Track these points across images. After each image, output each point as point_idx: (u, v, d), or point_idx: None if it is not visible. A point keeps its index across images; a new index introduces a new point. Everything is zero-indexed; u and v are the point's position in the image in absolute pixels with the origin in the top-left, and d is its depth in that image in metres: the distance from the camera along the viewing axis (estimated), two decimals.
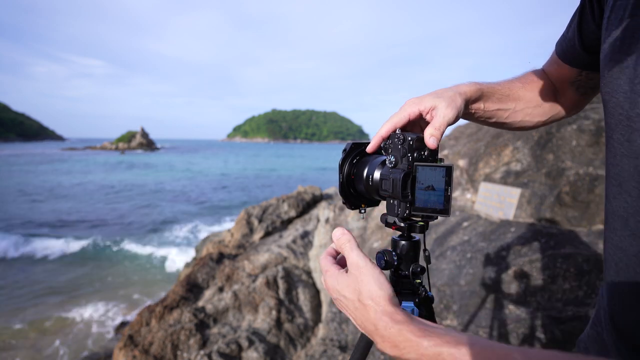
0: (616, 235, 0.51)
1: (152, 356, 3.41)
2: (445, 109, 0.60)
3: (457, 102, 0.62)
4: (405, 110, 0.62)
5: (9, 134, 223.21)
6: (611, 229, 0.52)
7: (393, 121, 0.62)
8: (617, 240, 0.51)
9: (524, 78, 0.74)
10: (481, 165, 3.84)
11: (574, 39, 0.65)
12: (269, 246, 5.70)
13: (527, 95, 0.72)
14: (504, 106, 0.70)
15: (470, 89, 0.66)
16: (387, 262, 0.63)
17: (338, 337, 2.74)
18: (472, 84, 0.67)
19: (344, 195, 0.67)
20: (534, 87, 0.73)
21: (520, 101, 0.71)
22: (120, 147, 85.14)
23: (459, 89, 0.65)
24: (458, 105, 0.62)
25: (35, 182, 24.60)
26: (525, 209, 3.07)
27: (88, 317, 6.19)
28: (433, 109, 0.61)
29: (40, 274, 8.18)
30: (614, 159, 0.50)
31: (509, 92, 0.71)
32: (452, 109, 0.61)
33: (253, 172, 38.82)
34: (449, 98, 0.62)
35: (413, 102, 0.63)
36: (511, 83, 0.72)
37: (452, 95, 0.62)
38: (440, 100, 0.61)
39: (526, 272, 2.27)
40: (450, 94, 0.63)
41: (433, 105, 0.61)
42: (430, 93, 0.64)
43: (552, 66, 0.75)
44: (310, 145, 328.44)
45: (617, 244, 0.51)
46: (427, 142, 0.58)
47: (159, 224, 13.45)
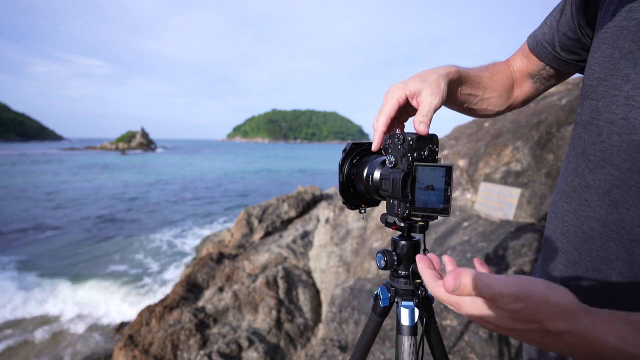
0: (589, 206, 0.55)
1: (152, 356, 3.41)
2: (430, 95, 0.61)
3: (441, 86, 0.62)
4: (392, 97, 0.62)
5: (9, 134, 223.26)
6: (581, 201, 0.56)
7: (385, 112, 0.62)
8: (588, 212, 0.55)
9: (492, 68, 0.78)
10: (481, 165, 3.84)
11: (553, 35, 0.68)
12: (269, 246, 5.70)
13: (494, 86, 0.76)
14: (474, 92, 0.74)
15: (452, 71, 0.66)
16: (387, 262, 0.63)
17: (338, 337, 2.74)
18: (452, 66, 0.68)
19: (344, 195, 0.67)
20: (499, 78, 0.77)
21: (487, 90, 0.75)
22: (120, 147, 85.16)
23: (442, 70, 0.65)
24: (442, 89, 0.62)
25: (35, 182, 24.61)
26: (525, 209, 3.07)
27: (86, 315, 6.19)
28: (418, 94, 0.62)
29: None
30: (598, 136, 0.53)
31: (480, 80, 0.74)
32: (436, 94, 0.61)
33: (253, 172, 38.82)
34: (433, 83, 0.62)
35: (398, 87, 0.63)
36: (481, 71, 0.75)
37: (435, 79, 0.62)
38: (425, 85, 0.61)
39: (526, 272, 2.27)
40: (434, 77, 0.63)
41: (418, 89, 0.61)
42: (413, 77, 0.64)
43: (519, 58, 0.78)
44: (310, 145, 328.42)
45: (590, 214, 0.55)
46: (417, 129, 0.58)
47: (158, 224, 13.46)
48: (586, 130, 0.56)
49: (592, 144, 0.55)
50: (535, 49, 0.73)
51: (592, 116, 0.55)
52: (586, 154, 0.56)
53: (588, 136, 0.56)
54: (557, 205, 0.64)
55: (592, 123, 0.55)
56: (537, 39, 0.72)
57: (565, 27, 0.65)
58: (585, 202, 0.56)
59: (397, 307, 0.66)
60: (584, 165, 0.56)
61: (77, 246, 10.28)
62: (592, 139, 0.55)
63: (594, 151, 0.54)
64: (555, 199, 0.67)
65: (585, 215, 0.56)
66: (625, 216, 0.50)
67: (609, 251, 0.52)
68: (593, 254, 0.55)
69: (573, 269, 0.59)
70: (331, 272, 4.30)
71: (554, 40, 0.68)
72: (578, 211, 0.57)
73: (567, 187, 0.60)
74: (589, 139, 0.55)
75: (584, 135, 0.57)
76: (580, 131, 0.58)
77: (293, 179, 30.36)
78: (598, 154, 0.53)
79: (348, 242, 4.39)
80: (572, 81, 4.72)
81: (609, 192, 0.51)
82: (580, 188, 0.57)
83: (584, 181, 0.56)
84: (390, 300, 0.68)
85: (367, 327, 0.74)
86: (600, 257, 0.54)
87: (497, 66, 0.79)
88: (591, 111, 0.55)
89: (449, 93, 0.66)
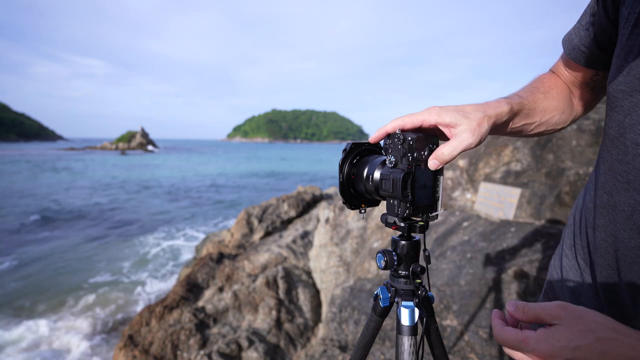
0: (616, 226, 0.53)
1: (152, 356, 3.41)
2: (467, 132, 0.56)
3: (482, 127, 0.57)
4: (421, 115, 0.59)
5: (9, 134, 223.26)
6: (610, 220, 0.55)
7: (404, 120, 0.60)
8: (615, 231, 0.54)
9: (542, 87, 0.71)
10: (481, 165, 3.84)
11: (588, 39, 0.62)
12: (269, 246, 5.70)
13: (550, 106, 0.70)
14: (530, 120, 0.68)
15: (502, 111, 0.61)
16: (387, 262, 0.63)
17: (338, 337, 2.74)
18: (503, 104, 0.62)
19: (344, 195, 0.67)
20: (554, 95, 0.70)
21: (545, 113, 0.69)
22: (120, 147, 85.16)
23: (488, 110, 0.60)
24: (483, 131, 0.58)
25: (36, 181, 24.61)
26: (525, 209, 3.07)
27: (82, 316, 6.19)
28: (453, 126, 0.57)
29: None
30: (624, 156, 0.50)
31: (534, 105, 0.68)
32: (474, 134, 0.57)
33: (252, 172, 38.82)
34: (474, 121, 0.57)
35: (434, 111, 0.59)
36: (534, 95, 0.69)
37: (479, 119, 0.58)
38: (464, 121, 0.57)
39: (526, 272, 2.27)
40: (478, 115, 0.58)
41: (454, 123, 0.57)
42: (455, 107, 0.60)
43: (564, 69, 0.72)
44: (310, 145, 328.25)
45: (616, 234, 0.54)
46: (429, 162, 0.57)
47: (158, 224, 13.46)
48: (614, 145, 0.53)
49: (618, 162, 0.52)
50: (573, 54, 0.66)
51: (619, 132, 0.52)
52: (614, 171, 0.53)
53: (615, 153, 0.53)
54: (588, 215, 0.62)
55: (619, 140, 0.52)
56: (574, 43, 0.65)
57: (600, 24, 0.58)
58: (613, 222, 0.54)
59: (397, 307, 0.66)
60: (611, 183, 0.54)
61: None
62: (619, 157, 0.52)
63: (620, 171, 0.52)
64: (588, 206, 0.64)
65: (613, 235, 0.54)
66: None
67: (633, 274, 0.51)
68: (621, 275, 0.54)
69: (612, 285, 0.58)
70: (331, 272, 4.30)
71: (592, 41, 0.61)
72: (608, 229, 0.55)
73: (597, 200, 0.58)
74: (616, 156, 0.53)
75: (612, 151, 0.54)
76: (609, 145, 0.55)
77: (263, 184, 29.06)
78: (623, 175, 0.51)
79: (348, 242, 4.39)
80: None
81: (631, 217, 0.50)
82: (609, 206, 0.55)
83: (611, 199, 0.54)
84: (390, 300, 0.68)
85: (367, 327, 0.74)
86: (627, 278, 0.53)
87: (547, 82, 0.72)
88: (618, 126, 0.52)
89: (495, 128, 0.62)
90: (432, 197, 0.60)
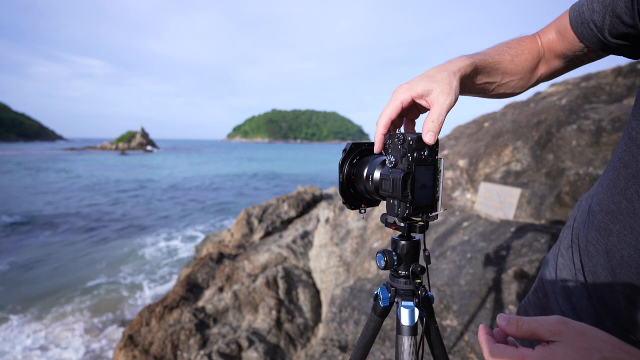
0: (633, 234, 0.53)
1: (152, 356, 3.41)
2: (442, 95, 0.56)
3: (452, 84, 0.57)
4: (397, 99, 0.59)
5: (9, 134, 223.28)
6: (625, 226, 0.54)
7: (387, 114, 0.59)
8: (630, 239, 0.53)
9: (514, 48, 0.69)
10: (481, 165, 3.84)
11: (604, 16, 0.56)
12: (269, 246, 5.71)
13: (514, 69, 0.68)
14: (491, 79, 0.67)
15: (464, 64, 0.60)
16: (387, 262, 0.63)
17: (338, 337, 2.74)
18: (465, 59, 0.62)
19: (344, 195, 0.67)
20: (522, 59, 0.69)
21: (506, 75, 0.68)
22: (120, 147, 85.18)
23: (452, 66, 0.59)
24: (454, 87, 0.57)
25: (35, 181, 24.61)
26: (525, 209, 3.07)
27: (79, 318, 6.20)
28: (427, 94, 0.57)
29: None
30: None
31: (498, 65, 0.67)
32: (448, 94, 0.56)
33: (252, 172, 38.83)
34: (443, 81, 0.57)
35: (403, 88, 0.59)
36: (501, 55, 0.67)
37: (446, 77, 0.58)
38: (434, 85, 0.57)
39: (526, 272, 2.27)
40: (444, 75, 0.58)
41: (426, 90, 0.57)
42: (420, 76, 0.59)
43: (554, 32, 0.68)
44: (310, 145, 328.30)
45: (632, 242, 0.53)
46: (424, 138, 0.56)
47: (158, 224, 13.46)
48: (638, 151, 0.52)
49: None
50: (579, 28, 0.62)
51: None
52: (638, 178, 0.52)
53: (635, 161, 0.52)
54: (599, 219, 0.61)
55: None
56: (584, 16, 0.60)
57: (622, 8, 0.52)
58: (629, 229, 0.53)
59: (397, 307, 0.66)
60: (634, 189, 0.53)
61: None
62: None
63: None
64: (594, 209, 0.63)
65: (627, 242, 0.54)
66: None
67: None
68: (627, 282, 0.54)
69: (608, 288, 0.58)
70: (331, 272, 4.30)
71: (604, 22, 0.56)
72: (621, 235, 0.55)
73: (614, 206, 0.57)
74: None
75: (639, 157, 0.52)
76: (635, 151, 0.53)
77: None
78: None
79: (348, 242, 4.39)
80: (572, 81, 4.72)
81: None
82: (627, 213, 0.54)
83: (631, 206, 0.53)
84: (390, 300, 0.68)
85: (367, 327, 0.74)
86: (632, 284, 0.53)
87: (521, 44, 0.69)
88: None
89: (462, 86, 0.61)
90: (432, 197, 0.60)
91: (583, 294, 0.65)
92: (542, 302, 0.80)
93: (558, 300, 0.73)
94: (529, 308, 0.87)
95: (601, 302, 0.61)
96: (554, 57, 0.70)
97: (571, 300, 0.68)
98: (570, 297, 0.68)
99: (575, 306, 0.67)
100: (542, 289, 0.79)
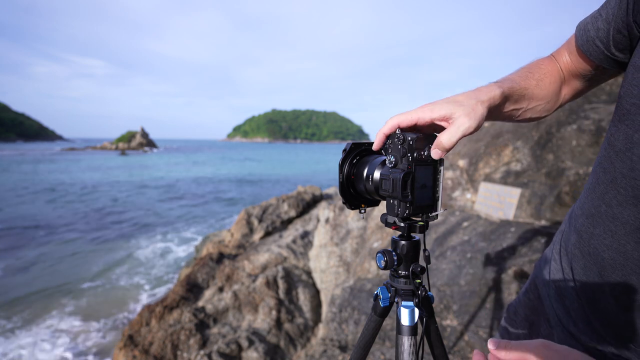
0: (614, 238, 0.54)
1: (152, 356, 3.41)
2: (464, 117, 0.56)
3: (478, 111, 0.57)
4: (415, 113, 0.58)
5: (9, 134, 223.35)
6: (605, 230, 0.56)
7: (398, 119, 0.59)
8: (611, 242, 0.55)
9: (537, 73, 0.69)
10: (481, 165, 3.84)
11: (605, 34, 0.58)
12: (269, 246, 5.71)
13: (540, 94, 0.69)
14: (518, 106, 0.67)
15: (494, 94, 0.60)
16: (387, 262, 0.63)
17: (338, 337, 2.74)
18: (495, 89, 0.61)
19: (344, 195, 0.67)
20: (546, 83, 0.69)
21: (533, 100, 0.68)
22: (120, 147, 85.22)
23: (481, 96, 0.59)
24: (479, 115, 0.57)
25: (35, 180, 24.61)
26: (525, 209, 3.07)
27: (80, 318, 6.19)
28: (448, 118, 0.57)
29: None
30: (631, 171, 0.50)
31: (525, 92, 0.67)
32: (471, 118, 0.56)
33: (252, 172, 38.83)
34: (469, 107, 0.57)
35: (427, 108, 0.58)
36: (526, 81, 0.67)
37: (473, 104, 0.57)
38: (458, 109, 0.57)
39: (526, 272, 2.27)
40: (471, 102, 0.57)
41: (448, 114, 0.57)
42: (445, 99, 0.59)
43: (568, 56, 0.69)
44: (310, 145, 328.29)
45: (613, 245, 0.55)
46: (431, 151, 0.56)
47: (157, 223, 13.46)
48: (618, 158, 0.53)
49: (623, 176, 0.52)
50: (585, 46, 0.63)
51: (627, 146, 0.51)
52: (616, 183, 0.53)
53: (620, 166, 0.53)
54: (581, 223, 0.62)
55: (626, 154, 0.51)
56: (589, 35, 0.61)
57: (620, 21, 0.54)
58: (610, 232, 0.55)
59: (397, 307, 0.66)
60: (612, 194, 0.54)
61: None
62: (624, 172, 0.52)
63: (625, 185, 0.51)
64: (576, 212, 0.64)
65: (607, 245, 0.55)
66: None
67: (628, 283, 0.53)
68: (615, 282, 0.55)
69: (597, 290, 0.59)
70: (331, 272, 4.30)
71: (609, 38, 0.57)
72: (601, 238, 0.56)
73: (594, 210, 0.59)
74: (620, 169, 0.53)
75: (616, 163, 0.53)
76: (613, 156, 0.54)
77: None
78: (629, 189, 0.51)
79: (348, 242, 4.39)
80: None
81: (637, 230, 0.50)
82: (607, 217, 0.55)
83: (610, 211, 0.55)
84: (390, 300, 0.68)
85: (367, 327, 0.74)
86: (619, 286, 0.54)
87: (543, 68, 0.70)
88: (626, 140, 0.51)
89: (489, 114, 0.61)
90: (432, 197, 0.60)
91: (574, 297, 0.66)
92: (534, 303, 0.82)
93: (552, 303, 0.74)
94: (520, 308, 0.88)
95: (590, 304, 0.62)
96: (573, 78, 0.70)
97: (565, 304, 0.69)
98: (564, 301, 0.69)
99: (568, 309, 0.68)
100: (535, 291, 0.81)
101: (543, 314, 0.77)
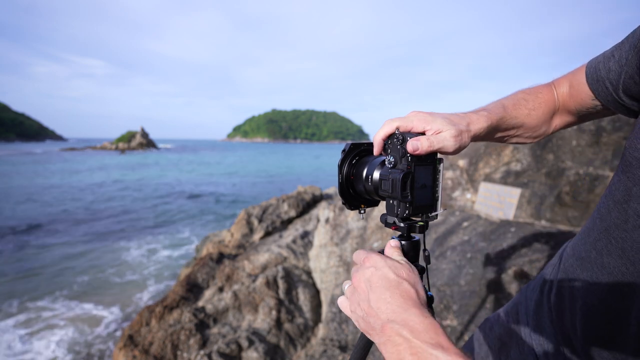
0: (598, 286, 0.56)
1: (152, 356, 3.41)
2: (450, 138, 0.58)
3: (463, 138, 0.59)
4: (411, 122, 0.59)
5: (9, 134, 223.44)
6: (591, 276, 0.57)
7: (394, 125, 0.60)
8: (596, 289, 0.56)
9: (532, 102, 0.70)
10: (481, 165, 3.84)
11: (616, 76, 0.56)
12: (269, 246, 5.71)
13: (531, 123, 0.70)
14: (506, 133, 0.70)
15: (479, 128, 0.62)
16: None
17: (338, 337, 2.74)
18: (484, 121, 0.63)
19: (344, 196, 0.67)
20: (539, 113, 0.70)
21: (521, 128, 0.70)
22: (120, 147, 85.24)
23: (471, 125, 0.61)
24: (463, 141, 0.59)
25: (35, 181, 24.62)
26: (525, 209, 3.07)
27: (84, 315, 6.19)
28: (439, 132, 0.58)
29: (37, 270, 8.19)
30: (624, 224, 0.50)
31: (515, 120, 0.68)
32: (455, 141, 0.58)
33: (252, 172, 38.83)
34: (458, 131, 0.59)
35: (423, 118, 0.59)
36: (518, 110, 0.69)
37: (463, 130, 0.60)
38: (451, 128, 0.58)
39: (526, 272, 2.27)
40: (462, 128, 0.60)
41: (440, 130, 0.58)
42: (442, 115, 0.61)
43: (569, 88, 0.69)
44: (310, 145, 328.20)
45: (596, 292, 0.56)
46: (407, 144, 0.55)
47: (157, 223, 13.46)
48: (615, 208, 0.53)
49: (616, 227, 0.52)
50: (594, 85, 0.62)
51: (624, 198, 0.51)
52: (609, 233, 0.53)
53: (615, 217, 0.53)
54: (570, 263, 0.63)
55: (622, 205, 0.52)
56: (599, 74, 0.60)
57: (634, 67, 0.52)
58: (596, 280, 0.55)
59: None
60: (604, 243, 0.54)
61: None
62: (618, 223, 0.52)
63: (616, 236, 0.52)
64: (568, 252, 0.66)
65: (592, 291, 0.56)
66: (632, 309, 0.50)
67: (607, 332, 0.54)
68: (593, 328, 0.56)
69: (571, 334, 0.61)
70: (331, 272, 4.30)
71: (619, 81, 0.56)
72: (586, 283, 0.57)
73: (584, 254, 0.59)
74: (614, 220, 0.53)
75: (613, 213, 0.53)
76: (611, 206, 0.54)
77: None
78: (619, 242, 0.51)
79: (348, 242, 4.39)
80: None
81: (620, 282, 0.51)
82: (596, 264, 0.56)
83: (600, 259, 0.55)
84: None
85: None
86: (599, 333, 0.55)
87: (539, 97, 0.70)
88: (625, 191, 0.51)
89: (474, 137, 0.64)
90: (432, 197, 0.59)
91: (552, 333, 0.67)
92: (511, 326, 0.82)
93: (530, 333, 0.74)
94: (496, 325, 0.87)
95: (565, 342, 0.63)
96: (567, 112, 0.71)
97: (542, 337, 0.70)
98: (541, 333, 0.71)
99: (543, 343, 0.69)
100: (516, 316, 0.81)
101: (517, 339, 0.77)
